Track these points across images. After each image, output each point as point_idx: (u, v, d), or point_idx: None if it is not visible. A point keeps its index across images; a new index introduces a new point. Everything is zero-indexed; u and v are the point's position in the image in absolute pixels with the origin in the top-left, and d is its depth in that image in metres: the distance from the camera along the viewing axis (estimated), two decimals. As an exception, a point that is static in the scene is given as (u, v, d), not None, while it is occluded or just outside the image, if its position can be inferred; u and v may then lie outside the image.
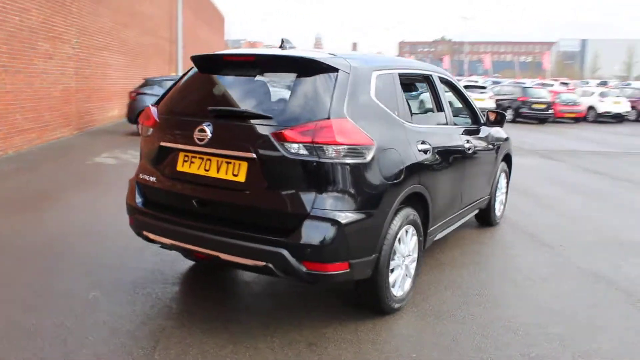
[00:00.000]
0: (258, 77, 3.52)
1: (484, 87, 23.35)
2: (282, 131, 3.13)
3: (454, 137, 4.63)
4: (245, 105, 3.46)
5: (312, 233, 3.09)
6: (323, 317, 3.71)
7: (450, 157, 4.41)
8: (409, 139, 3.76)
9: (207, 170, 3.38)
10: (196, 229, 3.38)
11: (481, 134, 5.31)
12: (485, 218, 5.98)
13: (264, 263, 3.15)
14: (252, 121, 3.27)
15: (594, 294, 4.31)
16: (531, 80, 36.89)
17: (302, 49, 3.89)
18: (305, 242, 3.08)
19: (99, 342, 3.28)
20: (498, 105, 22.71)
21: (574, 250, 5.40)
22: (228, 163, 3.31)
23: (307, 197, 3.13)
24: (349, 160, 3.16)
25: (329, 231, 3.09)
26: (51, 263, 4.57)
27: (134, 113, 13.56)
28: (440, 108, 4.58)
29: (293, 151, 3.12)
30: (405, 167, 3.58)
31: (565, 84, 39.49)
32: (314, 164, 3.11)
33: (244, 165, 3.25)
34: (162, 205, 3.65)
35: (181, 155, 3.51)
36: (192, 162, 3.46)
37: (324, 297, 4.06)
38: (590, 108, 24.99)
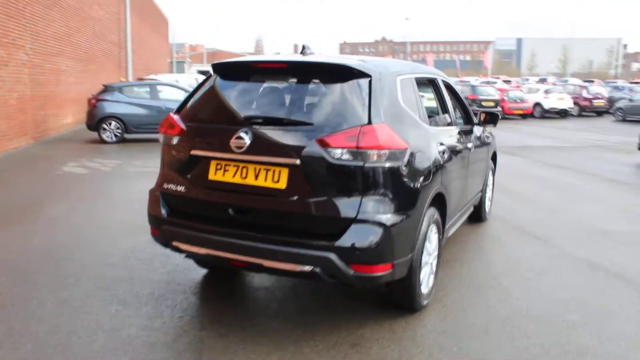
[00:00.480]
0: (290, 84, 3.55)
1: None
2: (327, 137, 3.18)
3: (460, 137, 4.80)
4: (281, 112, 3.48)
5: (361, 236, 3.16)
6: (353, 318, 3.77)
7: (459, 156, 4.58)
8: (430, 140, 3.88)
9: (244, 178, 3.38)
10: (235, 236, 3.37)
11: (476, 133, 5.52)
12: (477, 214, 6.20)
13: (310, 268, 3.19)
14: (293, 127, 3.30)
15: (596, 282, 4.57)
16: (475, 79, 38.07)
17: (327, 55, 3.94)
18: (354, 245, 3.15)
19: (140, 357, 3.22)
20: (450, 104, 23.33)
21: (564, 241, 5.69)
22: (267, 170, 3.32)
23: (353, 201, 3.19)
24: (388, 165, 3.24)
25: (377, 234, 3.17)
26: (57, 278, 4.41)
27: (94, 120, 13.20)
28: (445, 109, 4.73)
29: (337, 156, 3.18)
30: (432, 169, 3.70)
31: (507, 81, 41.14)
32: (359, 168, 3.18)
33: (285, 172, 3.27)
34: (193, 215, 3.61)
35: (213, 164, 3.49)
36: (225, 170, 3.44)
37: (344, 299, 4.12)
38: (537, 104, 26.10)
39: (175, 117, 3.72)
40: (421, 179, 3.54)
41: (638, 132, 12.26)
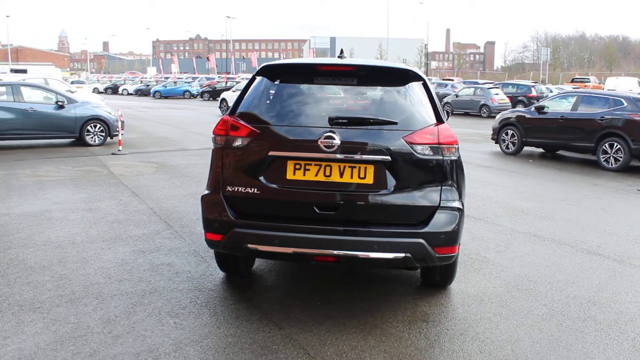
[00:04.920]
0: (358, 86, 3.77)
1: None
2: (413, 134, 3.52)
3: None
4: (362, 112, 3.69)
5: (445, 221, 3.57)
6: (403, 300, 4.16)
7: None
8: None
9: (327, 176, 3.54)
10: (325, 232, 3.52)
11: None
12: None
13: (403, 255, 3.49)
14: (379, 127, 3.55)
15: (553, 249, 5.55)
16: None
17: (377, 60, 4.19)
18: (440, 230, 3.54)
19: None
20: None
21: (500, 219, 6.68)
22: (352, 167, 3.53)
23: (435, 191, 3.59)
24: (454, 157, 3.68)
25: (456, 218, 3.61)
26: (86, 297, 4.02)
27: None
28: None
29: (421, 152, 3.53)
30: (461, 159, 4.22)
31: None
32: (439, 161, 3.57)
33: (371, 168, 3.52)
34: (269, 216, 3.64)
35: (291, 164, 3.57)
36: (306, 170, 3.56)
37: (378, 283, 4.47)
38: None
39: (237, 119, 3.69)
40: (463, 169, 4.04)
41: (468, 123, 14.21)
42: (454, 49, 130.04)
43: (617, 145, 10.74)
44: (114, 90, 49.16)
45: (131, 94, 46.68)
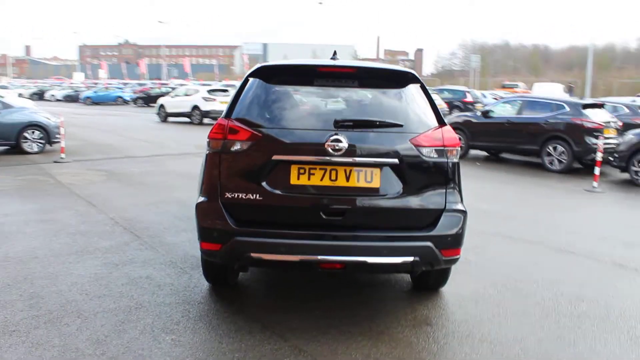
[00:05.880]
0: (359, 89, 3.69)
1: (227, 90, 24.29)
2: (419, 137, 3.47)
3: None
4: (367, 114, 3.59)
5: (451, 224, 3.54)
6: (399, 304, 4.12)
7: None
8: None
9: (333, 180, 3.43)
10: (332, 239, 3.40)
11: None
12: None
13: (412, 259, 3.43)
14: (386, 129, 3.48)
15: (524, 248, 5.68)
16: (222, 83, 39.10)
17: (374, 62, 4.11)
18: (447, 232, 3.51)
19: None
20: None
21: (468, 221, 6.76)
22: (359, 171, 3.44)
23: (440, 193, 3.56)
24: (456, 160, 3.67)
25: (461, 220, 3.59)
26: (65, 317, 3.69)
27: None
28: None
29: (427, 154, 3.49)
30: None
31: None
32: (443, 164, 3.55)
33: (377, 171, 3.44)
34: (272, 223, 3.47)
35: (294, 168, 3.44)
36: (311, 174, 3.43)
37: (368, 288, 4.41)
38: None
39: (236, 122, 3.51)
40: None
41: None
42: (384, 56, 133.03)
43: (560, 148, 11.25)
44: (40, 96, 46.56)
45: (60, 100, 44.35)
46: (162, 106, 23.31)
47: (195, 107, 21.95)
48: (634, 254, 5.63)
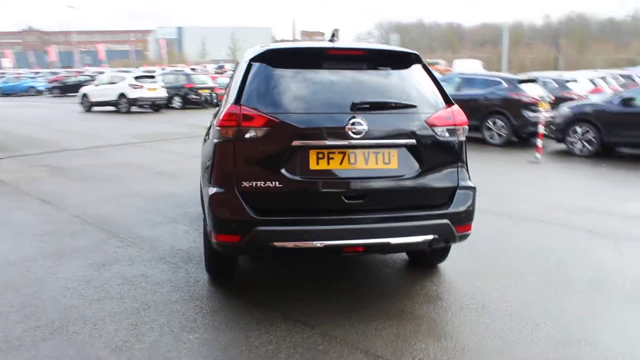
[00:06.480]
0: (369, 70, 3.65)
1: (154, 77, 23.33)
2: (433, 117, 3.51)
3: None
4: (381, 96, 3.56)
5: (464, 200, 3.64)
6: (405, 282, 4.21)
7: None
8: None
9: (352, 164, 3.40)
10: (355, 222, 3.39)
11: None
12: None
13: (432, 236, 3.49)
14: (401, 110, 3.48)
15: (521, 226, 5.93)
16: (141, 69, 37.70)
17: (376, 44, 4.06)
18: (461, 209, 3.60)
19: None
20: (168, 93, 23.00)
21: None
22: (377, 153, 3.43)
23: (454, 172, 3.64)
24: (464, 138, 3.75)
25: (471, 197, 3.69)
26: (71, 324, 3.45)
27: None
28: None
29: (440, 134, 3.54)
30: None
31: (193, 69, 42.31)
32: (454, 142, 3.62)
33: (394, 153, 3.46)
34: (292, 210, 3.40)
35: (313, 153, 3.38)
36: (330, 158, 3.39)
37: (363, 268, 4.46)
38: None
39: (249, 109, 3.38)
40: None
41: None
42: (301, 37, 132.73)
43: (500, 122, 11.78)
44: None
45: (-39, 92, 40.83)
46: (85, 95, 22.04)
47: (122, 95, 20.88)
48: (598, 219, 6.03)
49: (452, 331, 3.43)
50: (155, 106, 21.55)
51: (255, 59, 3.63)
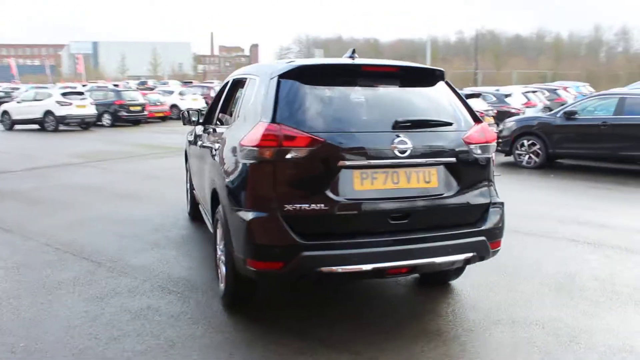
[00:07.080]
0: (401, 87, 3.61)
1: (82, 93, 22.15)
2: (469, 135, 3.53)
3: None
4: (419, 114, 3.52)
5: (496, 217, 3.69)
6: (425, 300, 4.18)
7: None
8: None
9: (396, 183, 3.35)
10: (401, 243, 3.32)
11: None
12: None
13: (471, 254, 3.49)
14: (440, 129, 3.47)
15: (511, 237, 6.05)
16: (59, 85, 35.80)
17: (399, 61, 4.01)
18: (495, 225, 3.63)
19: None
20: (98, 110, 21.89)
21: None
22: (417, 172, 3.40)
23: (487, 188, 3.68)
24: (492, 155, 3.79)
25: (502, 213, 3.74)
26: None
27: None
28: None
29: (474, 151, 3.57)
30: None
31: (116, 85, 40.68)
32: (486, 159, 3.67)
33: (434, 171, 3.44)
34: (338, 233, 3.28)
35: (357, 173, 3.28)
36: (374, 179, 3.32)
37: (371, 288, 4.40)
38: (174, 106, 27.17)
39: (289, 128, 3.23)
40: None
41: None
42: (220, 52, 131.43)
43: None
44: None
45: None
46: (5, 112, 20.59)
47: (49, 113, 19.64)
48: (576, 229, 6.31)
49: (498, 348, 3.42)
50: (85, 124, 20.47)
51: (284, 75, 3.49)
